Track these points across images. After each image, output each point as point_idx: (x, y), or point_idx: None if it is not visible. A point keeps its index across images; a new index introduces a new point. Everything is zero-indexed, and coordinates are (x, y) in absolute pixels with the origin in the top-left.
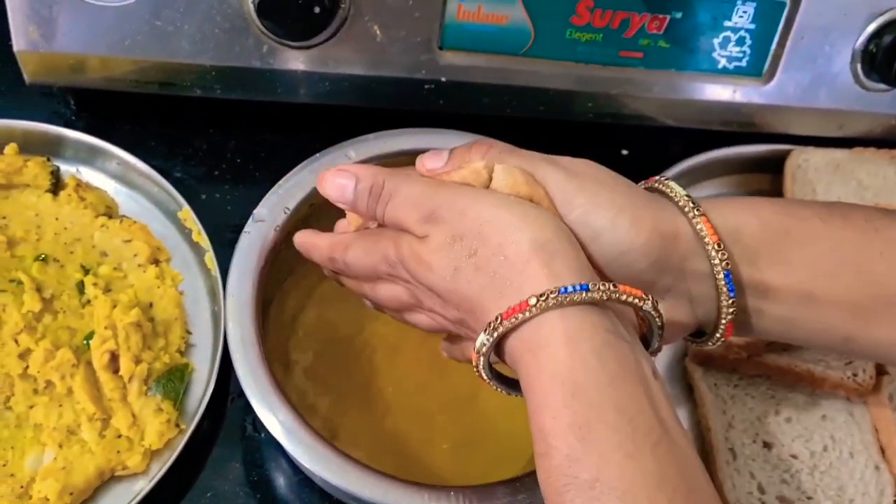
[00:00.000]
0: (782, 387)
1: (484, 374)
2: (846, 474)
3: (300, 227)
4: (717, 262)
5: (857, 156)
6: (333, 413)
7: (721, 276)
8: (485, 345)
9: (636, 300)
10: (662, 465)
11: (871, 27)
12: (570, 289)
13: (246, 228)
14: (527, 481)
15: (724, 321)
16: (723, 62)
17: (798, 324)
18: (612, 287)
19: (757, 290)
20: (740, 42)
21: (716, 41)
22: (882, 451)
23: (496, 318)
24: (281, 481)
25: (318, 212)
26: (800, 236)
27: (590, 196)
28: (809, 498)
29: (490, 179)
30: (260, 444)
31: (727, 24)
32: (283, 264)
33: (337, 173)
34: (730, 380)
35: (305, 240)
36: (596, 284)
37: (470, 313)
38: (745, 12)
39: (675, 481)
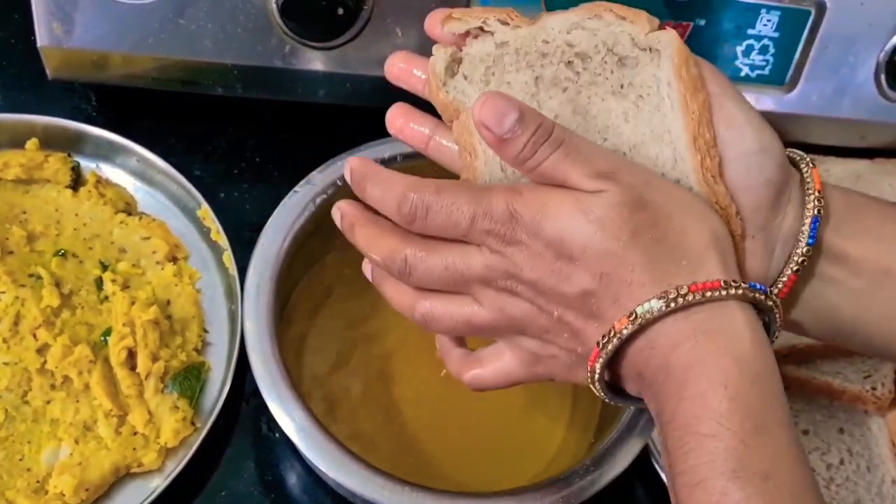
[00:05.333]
0: (800, 398)
1: (610, 349)
2: (863, 488)
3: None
4: (810, 206)
5: (880, 166)
6: (349, 415)
7: (808, 221)
8: (650, 312)
9: (780, 313)
10: (811, 467)
11: None
12: (757, 286)
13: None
14: (537, 490)
15: (790, 269)
16: (745, 70)
17: (871, 303)
18: (777, 297)
19: (837, 256)
20: (763, 50)
21: (739, 49)
22: None
23: (680, 289)
24: (294, 481)
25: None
26: (878, 212)
27: (739, 95)
28: None
29: (654, 28)
30: (274, 444)
31: (751, 32)
32: (300, 263)
33: (502, 96)
34: None
35: (367, 170)
36: (770, 291)
37: (618, 282)
38: (769, 21)
39: (818, 486)
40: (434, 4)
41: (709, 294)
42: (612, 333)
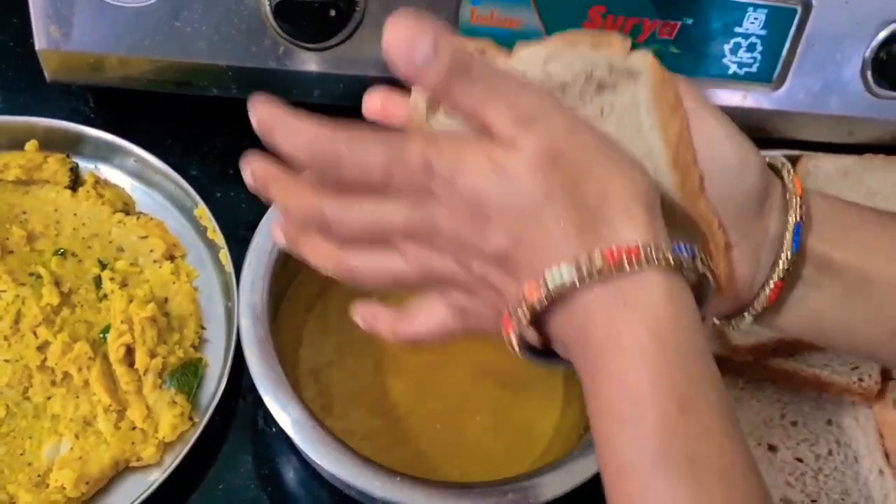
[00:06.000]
0: (788, 391)
1: (525, 319)
2: (851, 478)
3: None
4: (792, 212)
5: (868, 162)
6: (344, 409)
7: (791, 228)
8: (560, 278)
9: (713, 278)
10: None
11: (883, 34)
12: (683, 249)
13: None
14: (525, 480)
15: (776, 276)
16: (733, 68)
17: (852, 307)
18: (709, 260)
19: (819, 260)
20: (751, 48)
21: (726, 47)
22: (887, 455)
23: (592, 255)
24: (291, 475)
25: None
26: (858, 219)
27: (716, 109)
28: (814, 501)
29: (627, 51)
30: (271, 439)
31: (738, 30)
32: (294, 260)
33: (412, 15)
34: (735, 383)
35: (274, 119)
36: (699, 252)
37: (533, 246)
38: (756, 19)
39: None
40: (424, 6)
41: (625, 261)
42: (521, 301)
